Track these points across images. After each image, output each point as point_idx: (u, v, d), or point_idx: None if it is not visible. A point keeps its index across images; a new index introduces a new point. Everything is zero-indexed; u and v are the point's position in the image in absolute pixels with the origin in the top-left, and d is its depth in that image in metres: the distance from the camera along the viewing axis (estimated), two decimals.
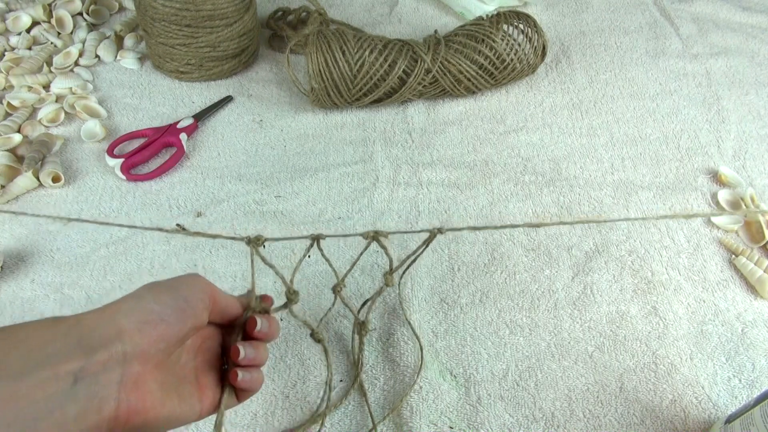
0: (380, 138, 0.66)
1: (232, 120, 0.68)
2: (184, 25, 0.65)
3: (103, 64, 0.73)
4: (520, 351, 0.49)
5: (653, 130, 0.69)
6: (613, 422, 0.45)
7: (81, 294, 0.51)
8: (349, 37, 0.63)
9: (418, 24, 0.82)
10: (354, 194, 0.60)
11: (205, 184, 0.61)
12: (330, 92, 0.64)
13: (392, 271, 0.39)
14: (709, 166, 0.65)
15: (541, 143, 0.66)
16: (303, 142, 0.66)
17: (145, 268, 0.53)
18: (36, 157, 0.58)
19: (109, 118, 0.67)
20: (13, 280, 0.52)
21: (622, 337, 0.50)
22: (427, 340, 0.49)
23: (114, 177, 0.61)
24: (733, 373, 0.48)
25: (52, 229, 0.56)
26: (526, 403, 0.46)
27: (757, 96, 0.73)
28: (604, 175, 0.63)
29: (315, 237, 0.37)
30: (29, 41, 0.74)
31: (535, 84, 0.73)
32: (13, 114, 0.65)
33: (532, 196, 0.61)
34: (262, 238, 0.36)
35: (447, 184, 0.62)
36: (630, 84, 0.74)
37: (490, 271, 0.54)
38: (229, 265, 0.54)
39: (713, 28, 0.82)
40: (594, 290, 0.53)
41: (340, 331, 0.50)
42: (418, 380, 0.47)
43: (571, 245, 0.56)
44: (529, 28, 0.68)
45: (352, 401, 0.46)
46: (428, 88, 0.67)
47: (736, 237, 0.58)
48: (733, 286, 0.54)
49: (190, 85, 0.71)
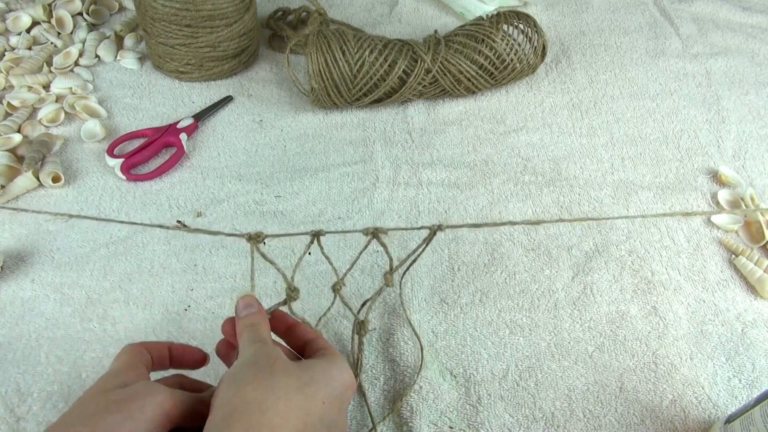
0: (380, 138, 0.66)
1: (232, 120, 0.68)
2: (184, 25, 0.65)
3: (103, 64, 0.73)
4: (520, 351, 0.49)
5: (653, 130, 0.69)
6: (613, 422, 0.45)
7: (81, 294, 0.51)
8: (349, 37, 0.63)
9: (418, 24, 0.82)
10: (354, 194, 0.60)
11: (205, 184, 0.61)
12: (330, 92, 0.64)
13: (392, 271, 0.40)
14: (709, 166, 0.65)
15: (541, 143, 0.66)
16: (303, 142, 0.66)
17: (145, 268, 0.53)
18: (36, 157, 0.58)
19: (109, 118, 0.67)
20: (13, 280, 0.52)
21: (622, 337, 0.50)
22: (427, 340, 0.49)
23: (114, 177, 0.61)
24: (733, 373, 0.48)
25: (52, 229, 0.56)
26: (526, 403, 0.46)
27: (757, 96, 0.73)
28: (604, 175, 0.63)
29: (315, 233, 0.37)
30: (29, 41, 0.74)
31: (535, 84, 0.73)
32: (13, 114, 0.65)
33: (532, 196, 0.61)
34: (263, 235, 0.36)
35: (447, 184, 0.62)
36: (630, 84, 0.74)
37: (490, 271, 0.54)
38: (229, 264, 0.54)
39: (713, 28, 0.82)
40: (594, 290, 0.53)
41: (339, 331, 0.50)
42: (418, 380, 0.47)
43: (571, 245, 0.56)
44: (529, 28, 0.68)
45: (351, 401, 0.46)
46: (428, 88, 0.67)
47: (736, 237, 0.58)
48: (733, 286, 0.54)
49: (190, 85, 0.71)
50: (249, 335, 0.33)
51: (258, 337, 0.33)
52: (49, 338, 0.48)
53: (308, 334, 0.37)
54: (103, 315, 0.50)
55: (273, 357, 0.31)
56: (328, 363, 0.33)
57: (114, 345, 0.48)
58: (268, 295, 0.52)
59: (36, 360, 0.47)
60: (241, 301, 0.35)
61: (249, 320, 0.34)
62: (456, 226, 0.35)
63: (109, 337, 0.49)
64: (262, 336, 0.33)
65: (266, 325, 0.35)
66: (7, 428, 0.43)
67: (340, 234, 0.41)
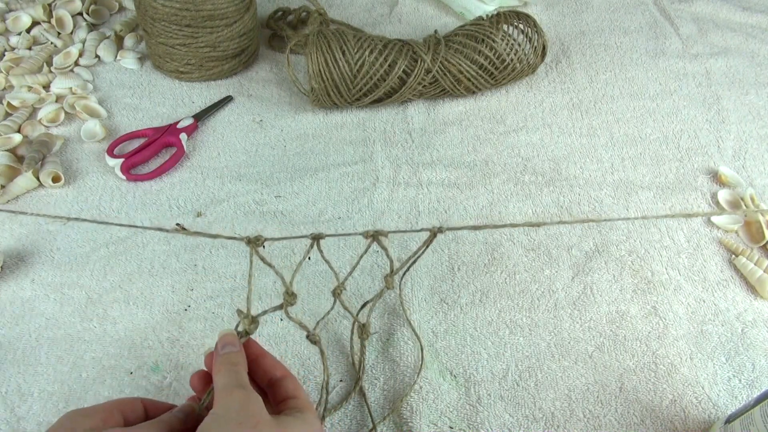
0: (380, 138, 0.66)
1: (232, 120, 0.68)
2: (184, 25, 0.65)
3: (103, 64, 0.73)
4: (520, 351, 0.49)
5: (653, 130, 0.69)
6: (613, 422, 0.45)
7: (81, 294, 0.51)
8: (349, 37, 0.63)
9: (418, 24, 0.82)
10: (354, 194, 0.60)
11: (205, 184, 0.61)
12: (330, 92, 0.64)
13: (393, 274, 0.39)
14: (709, 166, 0.65)
15: (541, 143, 0.66)
16: (303, 142, 0.66)
17: (145, 268, 0.53)
18: (36, 157, 0.58)
19: (109, 118, 0.67)
20: (13, 280, 0.52)
21: (622, 337, 0.50)
22: (427, 340, 0.49)
23: (114, 177, 0.61)
24: (733, 373, 0.48)
25: (52, 229, 0.56)
26: (526, 403, 0.46)
27: (757, 96, 0.73)
28: (604, 175, 0.63)
29: (315, 236, 0.37)
30: (29, 41, 0.74)
31: (535, 84, 0.73)
32: (13, 114, 0.65)
33: (532, 196, 0.61)
34: (262, 238, 0.35)
35: (447, 184, 0.62)
36: (630, 84, 0.74)
37: (490, 271, 0.54)
38: (229, 265, 0.54)
39: (713, 28, 0.82)
40: (594, 290, 0.53)
41: (339, 331, 0.50)
42: (418, 380, 0.47)
43: (571, 245, 0.56)
44: (529, 28, 0.68)
45: (352, 401, 0.46)
46: (428, 88, 0.67)
47: (736, 237, 0.58)
48: (733, 286, 0.54)
49: (190, 85, 0.71)
50: (228, 375, 0.33)
51: (238, 381, 0.33)
52: (49, 338, 0.48)
53: (276, 370, 0.37)
54: (103, 315, 0.50)
55: (257, 415, 0.31)
56: (307, 426, 0.33)
57: (114, 345, 0.48)
58: (268, 295, 0.52)
59: (36, 360, 0.47)
60: (223, 338, 0.35)
61: (228, 359, 0.34)
62: (456, 228, 0.35)
63: (109, 337, 0.49)
64: (242, 380, 0.33)
65: (245, 367, 0.34)
66: (8, 428, 0.43)
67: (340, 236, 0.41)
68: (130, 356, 0.48)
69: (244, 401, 0.31)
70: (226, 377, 0.33)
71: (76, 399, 0.45)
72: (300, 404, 0.35)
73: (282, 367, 0.37)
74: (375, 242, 0.37)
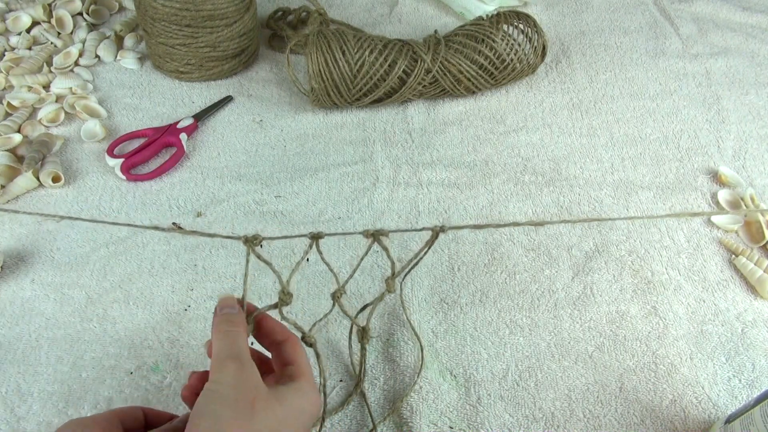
0: (380, 138, 0.66)
1: (232, 120, 0.68)
2: (184, 25, 0.65)
3: (103, 64, 0.73)
4: (520, 351, 0.49)
5: (653, 130, 0.69)
6: (613, 422, 0.45)
7: (81, 294, 0.51)
8: (349, 37, 0.63)
9: (418, 24, 0.82)
10: (354, 194, 0.60)
11: (205, 184, 0.61)
12: (330, 92, 0.64)
13: (394, 276, 0.39)
14: (709, 166, 0.65)
15: (541, 143, 0.66)
16: (303, 142, 0.66)
17: (145, 268, 0.53)
18: (36, 157, 0.58)
19: (109, 118, 0.67)
20: (13, 280, 0.52)
21: (622, 337, 0.50)
22: (427, 340, 0.49)
23: (114, 177, 0.61)
24: (733, 373, 0.48)
25: (52, 229, 0.56)
26: (526, 403, 0.46)
27: (757, 96, 0.73)
28: (604, 175, 0.63)
29: (314, 235, 0.37)
30: (29, 41, 0.74)
31: (535, 84, 0.73)
32: (13, 114, 0.65)
33: (532, 196, 0.61)
34: (260, 237, 0.35)
35: (447, 184, 0.62)
36: (630, 84, 0.74)
37: (490, 271, 0.54)
38: (229, 265, 0.54)
39: (713, 28, 0.82)
40: (594, 290, 0.53)
41: (340, 331, 0.50)
42: (418, 380, 0.47)
43: (571, 245, 0.56)
44: (529, 28, 0.68)
45: (351, 401, 0.46)
46: (428, 88, 0.67)
47: (736, 237, 0.58)
48: (733, 286, 0.54)
49: (190, 85, 0.71)
50: (225, 341, 0.32)
51: (233, 350, 0.32)
52: (49, 338, 0.48)
53: (276, 334, 0.36)
54: (103, 315, 0.50)
55: (252, 390, 0.30)
56: (301, 395, 0.33)
57: (114, 345, 0.48)
58: (267, 295, 0.52)
59: (36, 360, 0.47)
60: (222, 301, 0.35)
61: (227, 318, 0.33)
62: (458, 227, 0.35)
63: (109, 337, 0.49)
64: (237, 348, 0.32)
65: (244, 331, 0.34)
66: (8, 428, 0.43)
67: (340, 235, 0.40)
68: (130, 356, 0.48)
69: (237, 374, 0.31)
70: (222, 343, 0.32)
71: (75, 399, 0.45)
72: (296, 371, 0.34)
73: (283, 331, 0.36)
74: (375, 242, 0.37)
